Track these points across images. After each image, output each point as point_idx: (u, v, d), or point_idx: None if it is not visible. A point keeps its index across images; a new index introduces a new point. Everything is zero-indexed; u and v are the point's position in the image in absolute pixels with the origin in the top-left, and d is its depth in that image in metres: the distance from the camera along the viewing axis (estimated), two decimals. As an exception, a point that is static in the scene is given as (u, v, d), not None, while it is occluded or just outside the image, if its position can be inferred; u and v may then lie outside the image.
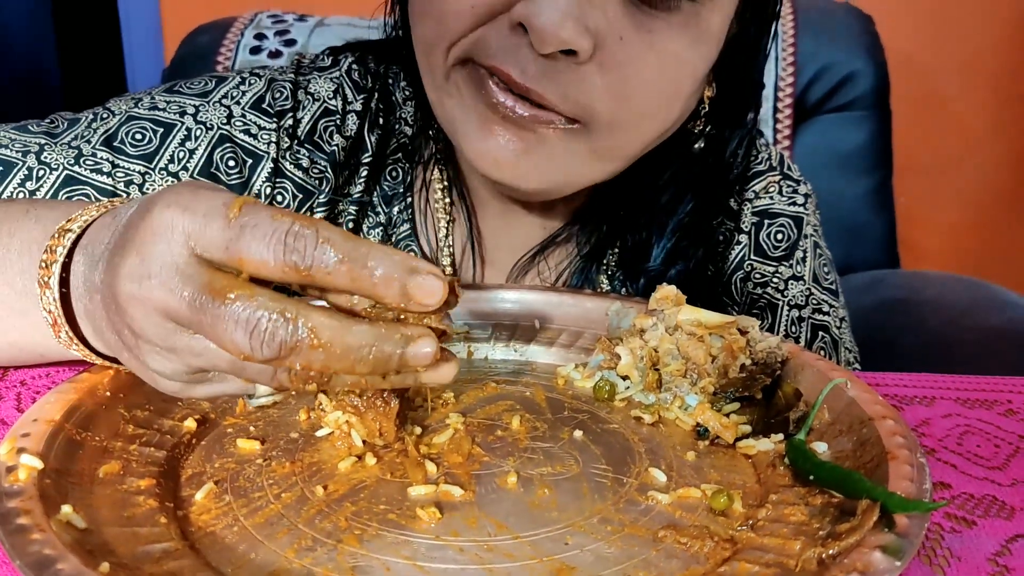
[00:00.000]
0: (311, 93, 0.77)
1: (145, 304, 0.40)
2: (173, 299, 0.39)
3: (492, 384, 0.57)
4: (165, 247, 0.39)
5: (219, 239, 0.39)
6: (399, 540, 0.40)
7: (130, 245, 0.40)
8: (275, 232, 0.38)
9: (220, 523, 0.41)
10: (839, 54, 1.49)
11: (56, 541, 0.35)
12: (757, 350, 0.54)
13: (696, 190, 0.78)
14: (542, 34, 0.57)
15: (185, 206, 0.39)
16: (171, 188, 0.41)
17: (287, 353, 0.38)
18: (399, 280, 0.39)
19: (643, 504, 0.44)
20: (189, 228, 0.39)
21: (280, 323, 0.38)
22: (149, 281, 0.39)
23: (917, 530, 0.37)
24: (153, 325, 0.40)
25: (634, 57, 0.61)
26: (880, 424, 0.45)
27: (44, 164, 0.68)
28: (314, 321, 0.38)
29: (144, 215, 0.40)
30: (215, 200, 0.39)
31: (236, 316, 0.38)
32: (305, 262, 0.38)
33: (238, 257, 0.39)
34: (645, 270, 0.78)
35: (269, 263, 0.38)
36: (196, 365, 0.42)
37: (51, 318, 0.48)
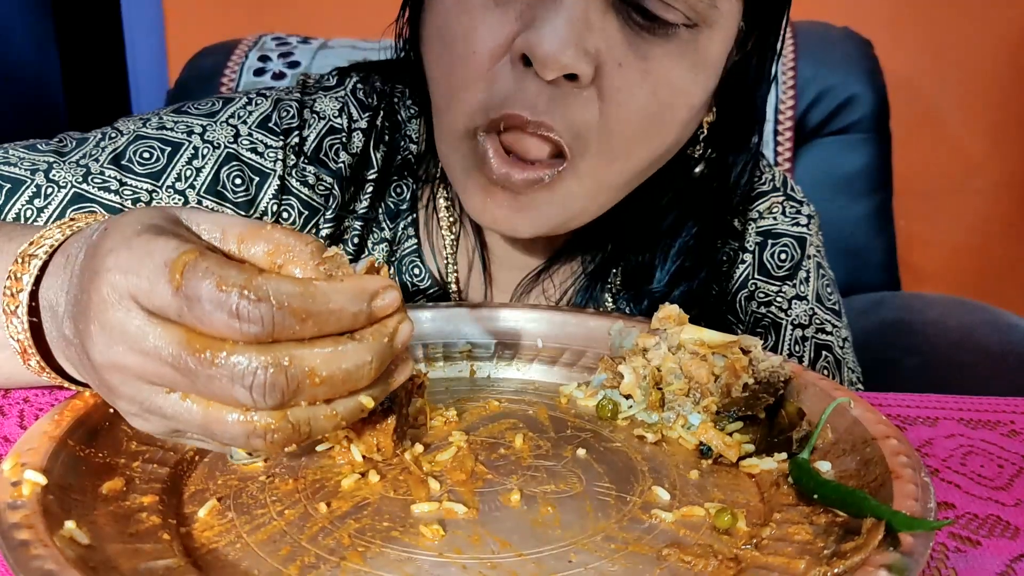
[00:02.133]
0: (317, 112, 0.77)
1: (123, 371, 0.39)
2: (151, 364, 0.38)
3: (495, 402, 0.57)
4: (122, 314, 0.38)
5: (169, 306, 0.37)
6: (402, 557, 0.40)
7: (88, 312, 0.39)
8: (224, 306, 0.36)
9: (223, 540, 0.41)
10: (839, 77, 1.50)
11: (59, 556, 0.35)
12: (760, 369, 0.54)
13: (699, 213, 0.79)
14: (545, 60, 0.58)
15: (126, 269, 0.37)
16: (110, 235, 0.39)
17: (291, 396, 0.38)
18: (363, 311, 0.40)
19: (646, 522, 0.44)
20: (135, 292, 0.37)
21: (276, 372, 0.37)
22: (117, 348, 0.38)
23: (922, 549, 0.37)
24: (132, 389, 0.39)
25: (632, 83, 0.61)
26: (884, 443, 0.45)
27: (52, 182, 0.69)
28: (309, 361, 0.38)
29: (92, 279, 0.39)
30: (155, 258, 0.37)
31: (231, 374, 0.36)
32: (265, 330, 0.37)
33: (194, 325, 0.37)
34: (649, 292, 0.79)
35: (228, 333, 0.37)
36: (171, 427, 0.40)
37: (19, 347, 0.48)
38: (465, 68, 0.62)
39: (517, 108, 0.61)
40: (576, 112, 0.61)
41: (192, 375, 0.37)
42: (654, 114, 0.63)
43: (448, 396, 0.58)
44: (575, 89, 0.61)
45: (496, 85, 0.61)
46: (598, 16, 0.59)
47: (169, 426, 0.40)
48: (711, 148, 0.77)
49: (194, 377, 0.37)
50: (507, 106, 0.61)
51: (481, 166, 0.64)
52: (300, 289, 0.37)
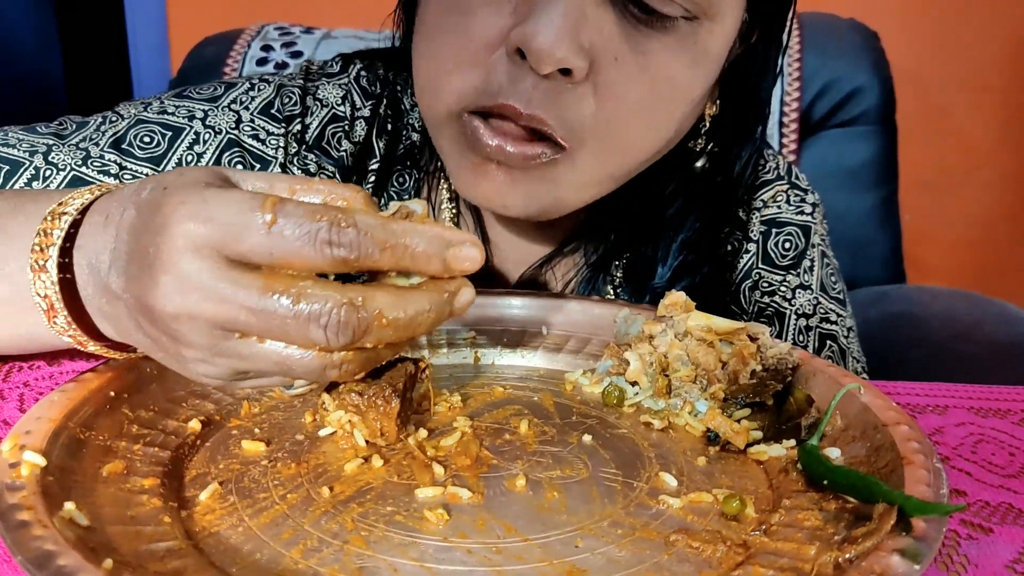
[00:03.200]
0: (319, 99, 0.77)
1: (195, 319, 0.39)
2: (228, 310, 0.39)
3: (499, 389, 0.57)
4: (199, 263, 0.39)
5: (260, 246, 0.39)
6: (406, 541, 0.40)
7: (156, 265, 0.39)
8: (318, 233, 0.38)
9: (224, 523, 0.41)
10: (845, 69, 1.49)
11: (58, 537, 0.35)
12: (768, 356, 0.54)
13: (703, 207, 0.78)
14: (539, 54, 0.57)
15: (206, 218, 0.39)
16: (175, 190, 0.40)
17: (359, 337, 0.39)
18: (438, 255, 0.41)
19: (654, 508, 0.43)
20: (219, 240, 0.39)
21: (350, 312, 0.39)
22: (193, 296, 0.39)
23: (935, 534, 0.36)
24: (203, 336, 0.40)
25: (628, 78, 0.60)
26: (894, 430, 0.45)
27: (51, 164, 0.68)
28: (378, 303, 0.40)
29: (161, 232, 0.39)
30: (237, 205, 0.39)
31: (309, 313, 0.38)
32: (352, 255, 0.39)
33: (283, 261, 0.39)
34: (651, 287, 0.78)
35: (318, 263, 0.39)
36: (242, 368, 0.42)
37: (46, 303, 0.47)
38: (457, 56, 0.61)
39: (512, 100, 0.59)
40: (571, 107, 0.60)
41: (270, 318, 0.38)
42: (651, 109, 0.62)
43: (452, 383, 0.58)
44: (570, 84, 0.59)
45: (490, 76, 0.60)
46: (594, 10, 0.58)
47: (237, 368, 0.42)
48: (714, 141, 0.75)
49: (271, 320, 0.39)
50: (501, 96, 0.60)
51: (473, 144, 0.63)
52: (382, 222, 0.40)
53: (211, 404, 0.51)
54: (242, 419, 0.51)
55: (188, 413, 0.50)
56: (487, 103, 0.61)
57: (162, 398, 0.50)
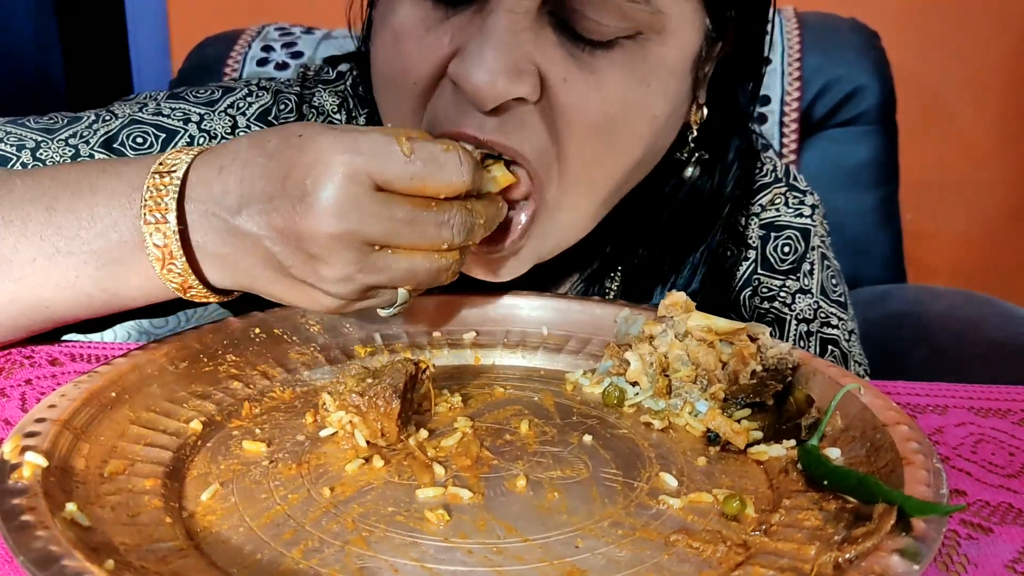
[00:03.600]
0: (316, 106, 0.76)
1: (350, 236, 0.47)
2: (379, 225, 0.47)
3: (500, 389, 0.57)
4: (355, 187, 0.47)
5: (403, 173, 0.47)
6: (407, 542, 0.40)
7: (313, 190, 0.47)
8: (449, 163, 0.49)
9: (226, 524, 0.41)
10: (845, 69, 1.49)
11: (60, 538, 0.35)
12: (768, 356, 0.54)
13: (697, 221, 0.76)
14: (475, 93, 0.55)
15: (353, 149, 0.47)
16: (316, 135, 0.48)
17: (471, 234, 0.51)
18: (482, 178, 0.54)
19: (654, 508, 0.43)
20: (368, 168, 0.47)
21: (467, 215, 0.50)
22: (351, 216, 0.47)
23: (935, 534, 0.36)
24: (352, 252, 0.48)
25: (579, 97, 0.57)
26: (894, 430, 0.45)
27: (39, 161, 0.67)
28: (478, 208, 0.52)
29: (315, 162, 0.47)
30: (378, 139, 0.48)
31: (444, 218, 0.49)
32: (469, 180, 0.50)
33: (422, 185, 0.48)
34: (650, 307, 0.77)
35: (449, 186, 0.49)
36: (375, 281, 0.50)
37: (162, 253, 0.52)
38: (409, 98, 0.60)
39: (465, 127, 0.57)
40: (527, 132, 0.58)
41: (413, 224, 0.48)
42: (609, 130, 0.59)
43: (453, 383, 0.58)
44: (522, 107, 0.57)
45: (442, 104, 0.59)
46: (530, 34, 0.55)
47: (370, 283, 0.50)
48: (704, 148, 0.73)
49: (416, 226, 0.48)
50: (455, 124, 0.58)
51: None
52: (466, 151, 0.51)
53: (212, 405, 0.52)
54: (243, 420, 0.51)
55: (189, 414, 0.50)
56: (444, 129, 0.58)
57: (163, 399, 0.50)
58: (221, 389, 0.53)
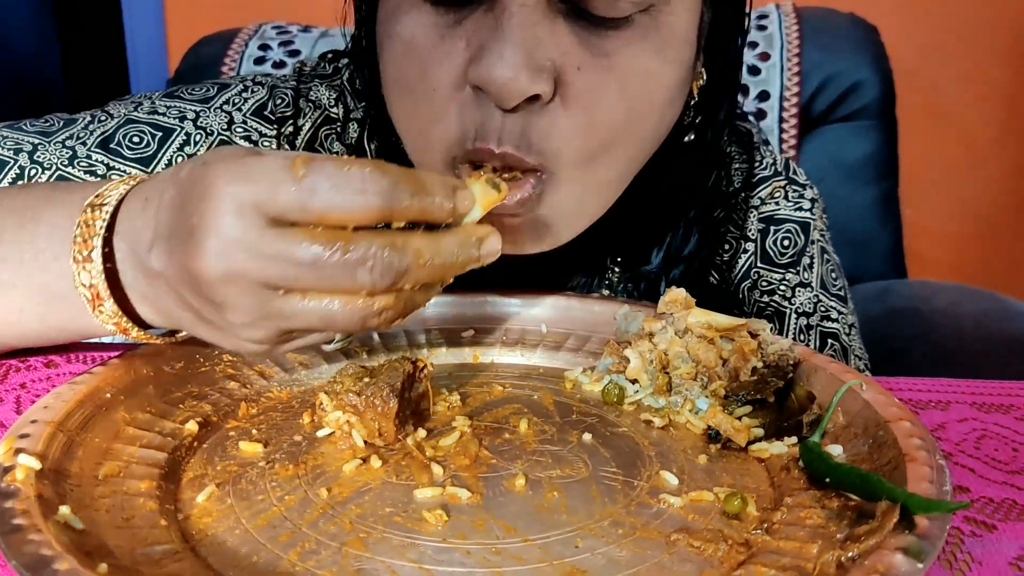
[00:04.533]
0: (312, 101, 0.76)
1: (241, 280, 0.41)
2: (275, 265, 0.40)
3: (499, 388, 0.56)
4: (242, 222, 0.40)
5: (293, 202, 0.40)
6: (405, 543, 0.39)
7: (198, 231, 0.41)
8: (348, 184, 0.40)
9: (222, 526, 0.41)
10: (844, 64, 1.49)
11: (53, 542, 0.34)
12: (769, 353, 0.53)
13: (689, 184, 0.76)
14: (500, 91, 0.54)
15: (244, 178, 0.40)
16: (218, 161, 0.42)
17: (399, 278, 0.41)
18: (447, 204, 0.43)
19: (655, 507, 0.43)
20: (258, 199, 0.40)
21: (392, 254, 0.41)
22: (238, 257, 0.40)
23: (939, 532, 0.36)
24: (249, 297, 0.41)
25: (595, 84, 0.57)
26: (896, 426, 0.44)
27: (36, 163, 0.67)
28: (415, 244, 0.42)
29: (204, 198, 0.41)
30: (272, 164, 0.41)
31: (356, 259, 0.40)
32: (385, 203, 0.40)
33: (318, 215, 0.40)
34: (646, 274, 0.77)
35: (351, 212, 0.40)
36: (287, 327, 0.43)
37: (91, 292, 0.48)
38: (430, 107, 0.59)
39: (484, 142, 0.57)
40: (542, 131, 0.57)
41: (316, 268, 0.40)
42: (628, 108, 0.60)
43: (451, 382, 0.57)
44: (540, 107, 0.57)
45: (463, 116, 0.58)
46: (545, 29, 0.55)
47: (282, 327, 0.43)
48: (701, 112, 0.73)
49: (318, 270, 0.40)
50: (478, 139, 0.57)
51: None
52: (400, 169, 0.41)
53: (208, 405, 0.51)
54: (239, 420, 0.51)
55: (185, 415, 0.50)
56: (468, 148, 0.58)
57: (158, 400, 0.50)
58: (217, 389, 0.53)
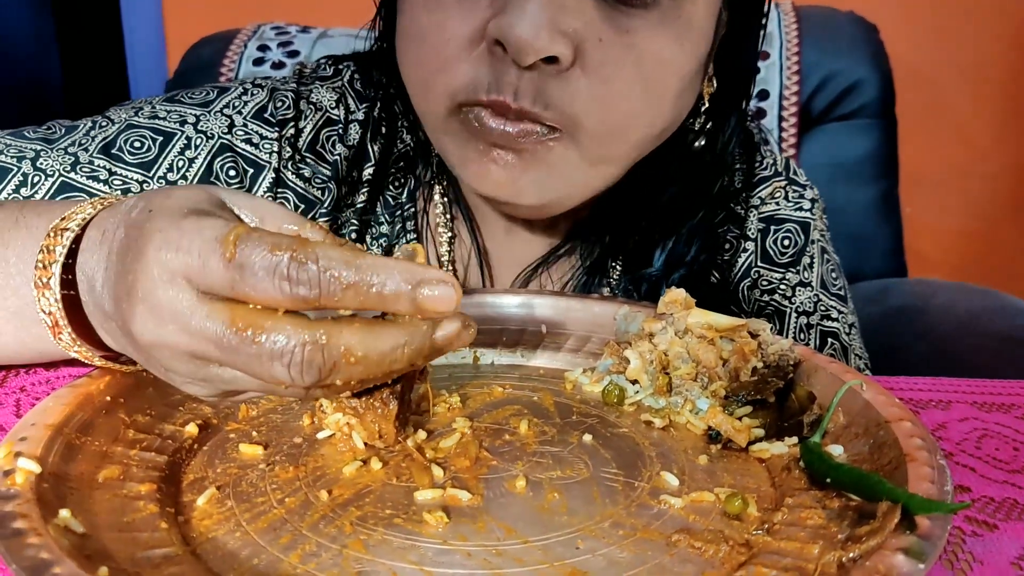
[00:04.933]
0: (313, 103, 0.76)
1: (170, 349, 0.39)
2: (198, 343, 0.38)
3: (499, 389, 0.56)
4: (172, 293, 0.38)
5: (221, 280, 0.37)
6: (405, 545, 0.39)
7: (133, 292, 0.39)
8: (277, 268, 0.37)
9: (222, 528, 0.40)
10: (844, 63, 1.49)
11: (53, 545, 0.34)
12: (769, 353, 0.53)
13: (696, 190, 0.77)
14: (519, 46, 0.56)
15: (177, 247, 0.38)
16: (156, 216, 0.40)
17: (326, 375, 0.38)
18: (407, 294, 0.38)
19: (655, 508, 0.43)
20: (186, 271, 0.38)
21: (313, 351, 0.37)
22: (167, 327, 0.39)
23: (940, 532, 0.35)
24: (184, 364, 0.40)
25: (614, 59, 0.60)
26: (897, 426, 0.44)
27: (40, 170, 0.67)
28: (346, 340, 0.38)
29: (138, 258, 0.39)
30: (206, 234, 0.38)
31: (271, 352, 0.37)
32: (312, 293, 0.37)
33: (244, 296, 0.38)
34: (648, 276, 0.77)
35: (278, 299, 0.37)
36: (229, 390, 0.42)
37: (51, 320, 0.47)
38: (440, 56, 0.61)
39: (499, 95, 0.59)
40: (561, 94, 0.59)
41: (234, 353, 0.38)
42: (642, 87, 0.62)
43: (451, 383, 0.57)
44: (556, 71, 0.59)
45: (476, 72, 0.60)
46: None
47: (225, 390, 0.42)
48: (711, 119, 0.75)
49: (236, 355, 0.38)
50: (490, 92, 0.59)
51: (476, 134, 0.62)
52: (347, 256, 0.38)
53: (208, 408, 0.51)
54: (239, 423, 0.51)
55: (185, 417, 0.49)
56: (479, 99, 0.60)
57: (159, 402, 0.50)
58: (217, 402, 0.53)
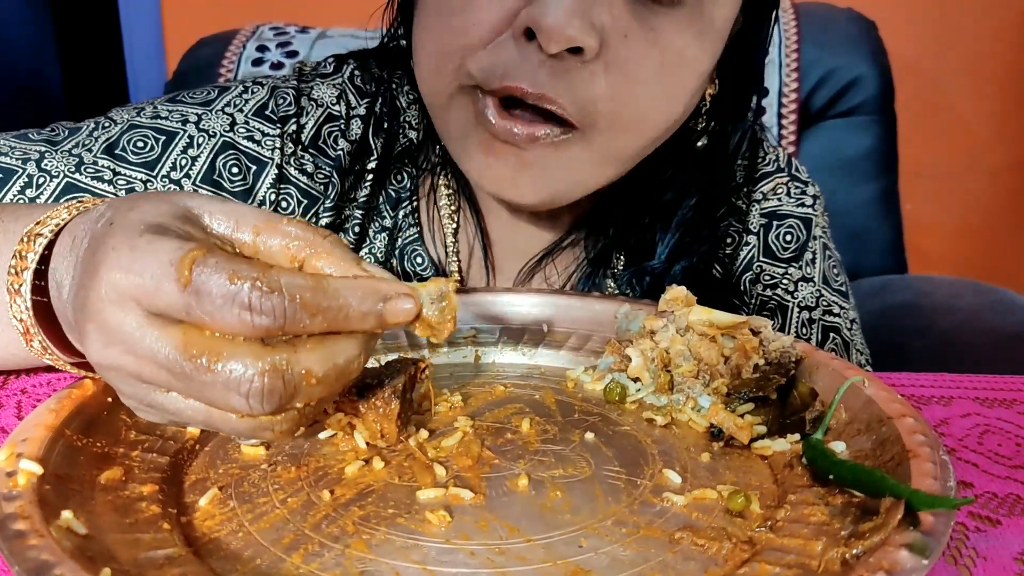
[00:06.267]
0: (314, 99, 0.76)
1: (118, 371, 0.38)
2: (146, 366, 0.37)
3: (500, 388, 0.56)
4: (120, 315, 0.37)
5: (176, 304, 0.36)
6: (408, 544, 0.39)
7: (86, 310, 0.38)
8: (236, 299, 0.35)
9: (224, 529, 0.40)
10: (842, 59, 1.48)
11: (55, 547, 0.34)
12: (770, 350, 0.53)
13: (699, 187, 0.78)
14: (550, 33, 0.57)
15: (127, 269, 0.36)
16: (115, 231, 0.38)
17: (287, 401, 0.37)
18: (373, 312, 0.39)
19: (658, 506, 0.43)
20: (137, 293, 0.36)
21: (274, 378, 0.36)
22: (114, 349, 0.37)
23: (943, 528, 0.35)
24: (130, 387, 0.39)
25: (638, 55, 0.61)
26: (899, 422, 0.44)
27: (44, 172, 0.68)
28: (305, 363, 0.37)
29: (92, 276, 0.38)
30: (161, 257, 0.36)
31: (226, 381, 0.36)
32: (276, 323, 0.36)
33: (200, 323, 0.36)
34: (650, 268, 0.78)
35: (237, 328, 0.36)
36: (174, 420, 0.40)
37: (22, 327, 0.47)
38: (464, 36, 0.61)
39: (518, 81, 0.60)
40: (581, 86, 0.60)
41: (187, 380, 0.36)
42: (662, 84, 0.63)
43: (453, 382, 0.57)
44: (580, 63, 0.60)
45: (497, 57, 0.60)
46: None
47: (171, 419, 0.40)
48: (713, 120, 0.76)
49: (189, 383, 0.36)
50: (508, 78, 0.60)
51: (480, 122, 0.63)
52: (312, 283, 0.37)
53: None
54: (241, 423, 0.50)
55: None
56: (493, 85, 0.61)
57: (160, 403, 0.50)
58: None
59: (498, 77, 0.60)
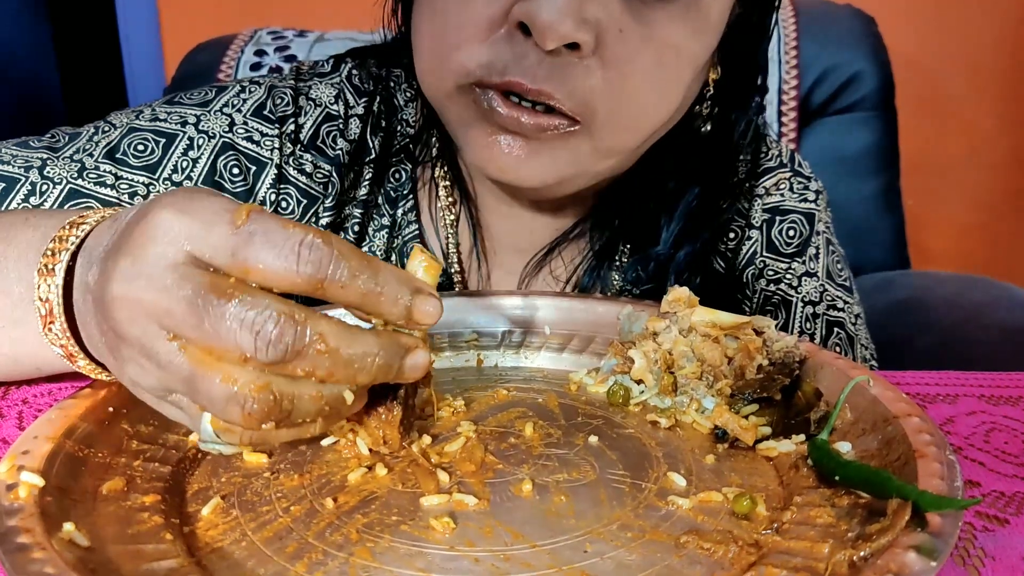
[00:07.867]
0: (312, 99, 0.76)
1: (132, 306, 0.38)
2: (166, 299, 0.37)
3: (503, 391, 0.56)
4: (161, 249, 0.38)
5: (224, 245, 0.37)
6: (412, 551, 0.39)
7: (125, 248, 0.39)
8: (288, 241, 0.37)
9: (227, 538, 0.40)
10: (842, 56, 1.48)
11: (58, 559, 0.34)
12: (774, 350, 0.53)
13: (703, 175, 0.78)
14: (544, 30, 0.57)
15: (183, 209, 0.38)
16: (169, 192, 0.40)
17: (292, 356, 0.37)
18: (403, 300, 0.40)
19: (663, 509, 0.43)
20: (188, 232, 0.38)
21: (289, 325, 0.37)
22: (139, 282, 0.38)
23: (951, 528, 0.35)
24: (137, 327, 0.38)
25: (633, 51, 0.61)
26: (905, 422, 0.44)
27: (47, 179, 0.68)
28: (322, 327, 0.38)
29: (140, 219, 0.39)
30: (216, 205, 0.38)
31: (243, 316, 0.36)
32: (320, 274, 0.37)
33: (244, 264, 0.37)
34: (655, 254, 0.78)
35: (280, 272, 0.37)
36: (158, 382, 0.40)
37: (45, 308, 0.46)
38: (460, 34, 0.61)
39: (518, 76, 0.60)
40: (579, 81, 0.60)
41: (202, 313, 0.36)
42: (658, 79, 0.63)
43: (455, 386, 0.57)
44: (576, 59, 0.60)
45: (495, 53, 0.60)
46: None
47: (159, 378, 0.40)
48: (716, 106, 0.76)
49: (204, 316, 0.37)
50: (508, 74, 0.60)
51: (485, 116, 0.63)
52: (355, 249, 0.39)
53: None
54: (243, 430, 0.50)
55: (188, 427, 0.49)
56: (494, 80, 0.61)
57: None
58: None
59: (498, 72, 0.60)
